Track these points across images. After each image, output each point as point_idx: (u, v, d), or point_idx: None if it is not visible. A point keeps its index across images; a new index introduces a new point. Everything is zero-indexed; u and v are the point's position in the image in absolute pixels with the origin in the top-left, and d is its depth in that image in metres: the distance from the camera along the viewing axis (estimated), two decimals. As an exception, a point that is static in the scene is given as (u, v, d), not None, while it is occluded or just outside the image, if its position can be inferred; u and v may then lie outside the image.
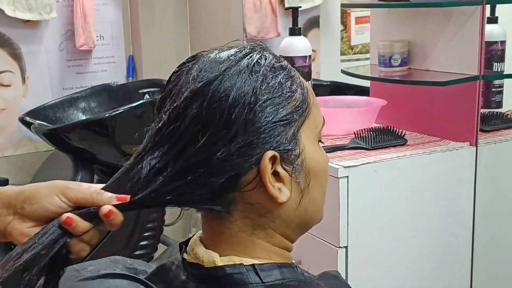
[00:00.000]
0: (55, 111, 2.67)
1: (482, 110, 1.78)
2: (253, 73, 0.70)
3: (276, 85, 0.71)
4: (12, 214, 0.71)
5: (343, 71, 2.05)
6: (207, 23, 3.02)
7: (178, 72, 0.74)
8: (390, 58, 1.89)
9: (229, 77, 0.69)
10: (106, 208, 0.70)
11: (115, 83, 2.99)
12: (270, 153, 0.69)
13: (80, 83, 2.95)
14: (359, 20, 2.82)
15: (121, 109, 2.43)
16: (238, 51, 0.72)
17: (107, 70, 3.02)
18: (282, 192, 0.70)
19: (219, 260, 0.71)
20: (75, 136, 2.42)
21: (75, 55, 2.92)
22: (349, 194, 1.59)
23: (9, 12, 2.65)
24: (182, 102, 0.69)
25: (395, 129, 1.80)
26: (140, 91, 2.79)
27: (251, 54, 0.72)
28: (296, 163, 0.71)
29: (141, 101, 2.56)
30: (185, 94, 0.69)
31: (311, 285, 0.73)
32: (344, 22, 2.84)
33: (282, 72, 0.72)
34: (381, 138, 1.75)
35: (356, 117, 1.90)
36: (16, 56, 2.78)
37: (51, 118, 2.63)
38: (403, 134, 1.78)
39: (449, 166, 1.72)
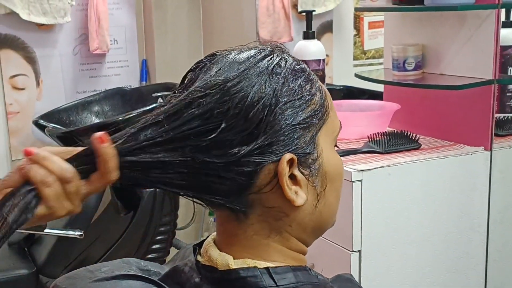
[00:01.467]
0: (68, 114, 2.69)
1: (496, 115, 1.77)
2: (273, 75, 0.69)
3: (297, 88, 0.70)
4: None
5: (356, 75, 2.04)
6: (220, 27, 3.03)
7: (196, 69, 0.73)
8: (404, 62, 1.88)
9: (248, 77, 0.69)
10: (98, 134, 0.67)
11: (129, 87, 3.00)
12: (288, 156, 0.68)
13: (94, 87, 2.96)
14: (372, 25, 2.82)
15: (134, 113, 2.44)
16: (258, 52, 0.72)
17: (121, 74, 3.03)
18: (299, 196, 0.70)
19: (233, 263, 0.71)
20: (89, 139, 2.43)
21: (89, 59, 2.94)
22: (363, 198, 1.58)
23: (24, 15, 2.68)
24: (197, 93, 0.69)
25: (409, 133, 1.79)
26: (153, 94, 2.79)
27: (271, 56, 0.72)
28: (313, 167, 0.71)
29: (154, 105, 2.56)
30: (200, 88, 0.69)
31: None
32: (357, 27, 2.83)
33: (303, 75, 0.72)
34: (395, 142, 1.74)
35: (370, 121, 1.89)
36: (31, 59, 2.80)
37: (64, 121, 2.65)
38: (417, 138, 1.77)
39: (463, 170, 1.71)
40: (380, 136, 1.77)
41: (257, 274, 0.70)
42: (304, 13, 1.96)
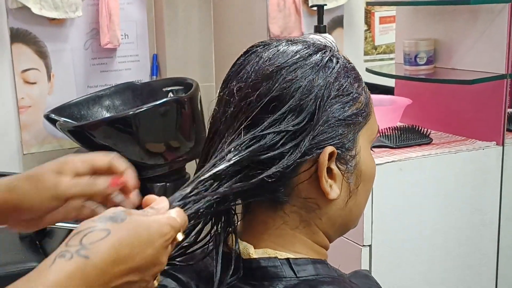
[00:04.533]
0: (79, 108, 2.70)
1: (509, 110, 1.76)
2: (326, 69, 0.71)
3: (347, 84, 0.72)
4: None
5: (368, 70, 2.04)
6: (230, 22, 3.03)
7: (246, 55, 0.74)
8: (415, 57, 1.87)
9: (301, 66, 0.70)
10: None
11: (139, 82, 3.00)
12: (330, 149, 0.69)
13: (105, 81, 2.97)
14: (383, 20, 2.80)
15: (145, 107, 2.44)
16: (312, 45, 0.73)
17: (131, 69, 3.04)
18: (333, 189, 0.71)
19: (254, 252, 0.71)
20: (100, 134, 2.44)
21: (100, 54, 2.94)
22: (374, 193, 1.58)
23: (35, 10, 2.68)
24: (251, 82, 0.70)
25: (420, 128, 1.79)
26: (164, 89, 2.79)
27: (325, 51, 0.73)
28: (350, 164, 0.72)
29: (165, 99, 2.57)
30: (254, 76, 0.70)
31: (344, 283, 0.72)
32: (368, 22, 2.82)
33: (353, 74, 0.74)
34: (406, 137, 1.74)
35: (381, 115, 1.87)
36: (42, 54, 2.81)
37: (76, 116, 2.65)
38: (428, 133, 1.77)
39: (475, 165, 1.70)
40: (391, 131, 1.76)
41: (277, 264, 0.70)
42: (315, 8, 1.95)
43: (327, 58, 0.72)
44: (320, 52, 0.72)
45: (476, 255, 1.75)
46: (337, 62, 0.72)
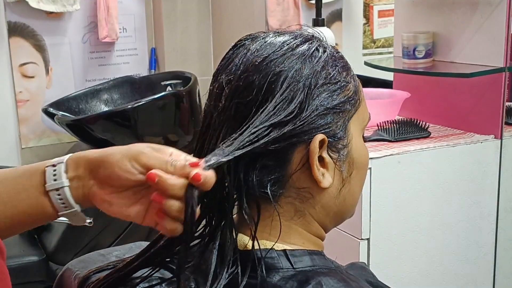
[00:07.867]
0: (78, 102, 2.70)
1: (507, 103, 1.76)
2: (313, 58, 0.71)
3: (335, 73, 0.72)
4: (93, 179, 0.68)
5: (366, 63, 2.04)
6: (229, 16, 3.02)
7: (235, 49, 0.75)
8: (414, 50, 1.87)
9: (289, 57, 0.71)
10: (192, 173, 0.64)
11: (138, 75, 3.00)
12: (320, 136, 0.70)
13: (103, 75, 2.97)
14: (382, 14, 2.80)
15: (143, 101, 2.45)
16: (299, 35, 0.74)
17: (130, 62, 3.04)
18: (325, 178, 0.71)
19: (250, 244, 0.71)
20: (98, 127, 2.44)
21: (98, 47, 2.94)
22: (372, 186, 1.58)
23: (33, 4, 2.68)
24: (240, 75, 0.71)
25: (418, 121, 1.79)
26: (162, 83, 2.79)
27: (312, 41, 0.73)
28: (342, 152, 0.73)
29: (163, 93, 2.57)
30: (242, 68, 0.71)
31: (341, 274, 0.73)
32: (367, 15, 2.82)
33: (341, 62, 0.74)
34: (405, 130, 1.74)
35: (379, 109, 1.89)
36: (40, 47, 2.81)
37: (74, 110, 2.66)
38: (426, 126, 1.77)
39: (473, 159, 1.71)
40: (389, 124, 1.76)
41: (274, 255, 0.70)
42: (313, 1, 1.95)
43: (313, 48, 0.72)
44: (307, 42, 0.72)
45: (474, 248, 1.75)
46: (324, 51, 0.73)
